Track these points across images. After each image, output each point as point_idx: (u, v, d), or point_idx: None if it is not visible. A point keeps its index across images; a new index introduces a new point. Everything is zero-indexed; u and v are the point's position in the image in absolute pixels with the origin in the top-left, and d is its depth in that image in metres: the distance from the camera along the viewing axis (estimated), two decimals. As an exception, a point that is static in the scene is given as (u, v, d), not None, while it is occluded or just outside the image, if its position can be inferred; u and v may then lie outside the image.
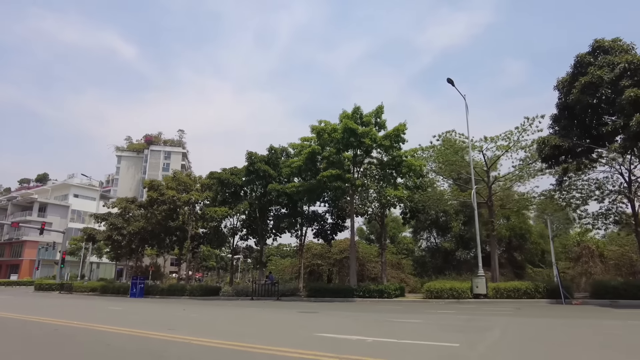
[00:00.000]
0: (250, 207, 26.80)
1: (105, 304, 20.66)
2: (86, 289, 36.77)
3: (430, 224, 38.26)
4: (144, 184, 32.21)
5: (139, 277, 32.32)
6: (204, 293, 29.33)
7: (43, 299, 25.13)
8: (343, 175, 23.22)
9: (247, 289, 28.22)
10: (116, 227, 33.53)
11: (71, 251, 59.57)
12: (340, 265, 39.73)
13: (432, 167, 29.22)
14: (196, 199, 30.75)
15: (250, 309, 17.18)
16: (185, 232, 35.96)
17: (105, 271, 69.47)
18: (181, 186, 31.69)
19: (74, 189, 72.75)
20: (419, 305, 18.49)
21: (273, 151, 28.02)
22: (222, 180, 27.63)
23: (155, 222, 32.87)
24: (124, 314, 14.20)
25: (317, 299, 23.38)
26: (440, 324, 10.48)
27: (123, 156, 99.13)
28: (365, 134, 23.05)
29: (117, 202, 35.54)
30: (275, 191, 26.17)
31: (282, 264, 49.03)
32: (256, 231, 31.30)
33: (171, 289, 30.86)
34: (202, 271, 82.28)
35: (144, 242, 35.43)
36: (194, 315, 13.61)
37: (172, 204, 31.77)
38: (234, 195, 28.64)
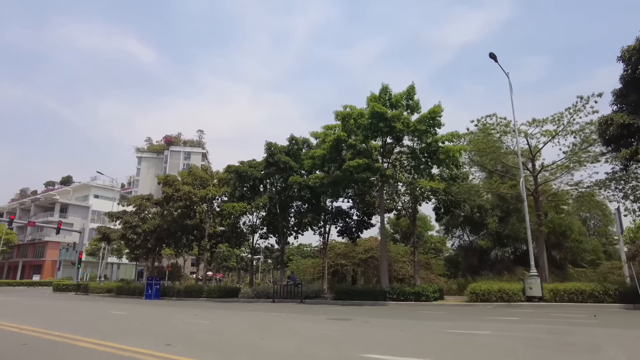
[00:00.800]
0: (270, 202, 24.53)
1: (112, 306, 18.68)
2: (102, 290, 35.22)
3: (464, 220, 35.32)
4: (159, 180, 30.40)
5: (155, 277, 30.48)
6: (222, 294, 27.25)
7: (51, 301, 23.42)
8: (372, 165, 20.71)
9: (268, 290, 26.01)
10: (130, 225, 31.79)
11: (91, 252, 58.71)
12: (365, 265, 37.23)
13: (467, 157, 26.43)
14: (213, 194, 28.69)
15: (271, 314, 14.84)
16: (202, 230, 34.02)
17: (125, 272, 68.63)
18: (197, 181, 29.69)
19: (95, 190, 72.18)
20: (466, 310, 15.83)
21: (294, 141, 25.72)
22: (240, 174, 25.45)
23: (172, 220, 30.98)
24: (124, 320, 12.05)
25: (345, 302, 20.95)
26: (519, 337, 7.91)
27: (143, 157, 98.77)
28: (396, 118, 20.49)
29: (132, 199, 33.87)
30: (297, 184, 23.83)
31: (304, 264, 46.63)
32: (277, 228, 29.07)
33: (188, 290, 28.89)
34: (222, 271, 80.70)
35: (161, 242, 33.63)
36: (204, 323, 11.34)
37: (188, 200, 29.80)
38: (252, 189, 26.45)
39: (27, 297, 27.32)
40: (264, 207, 24.58)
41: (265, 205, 24.33)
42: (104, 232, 32.75)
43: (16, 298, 25.73)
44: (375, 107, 20.28)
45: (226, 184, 29.53)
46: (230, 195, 27.82)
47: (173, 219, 30.91)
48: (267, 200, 24.34)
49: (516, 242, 34.76)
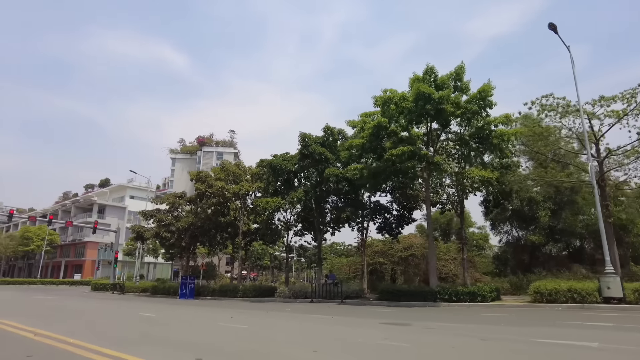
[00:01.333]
0: (305, 196, 22.98)
1: (144, 307, 17.63)
2: (137, 290, 34.77)
3: (512, 214, 32.68)
4: (191, 176, 29.51)
5: (189, 276, 29.59)
6: (258, 294, 25.99)
7: (84, 301, 22.78)
8: (417, 152, 18.79)
9: (305, 290, 24.52)
10: (164, 223, 31.07)
11: (128, 251, 59.25)
12: (405, 263, 35.22)
13: (517, 144, 24.01)
14: (246, 190, 27.47)
15: (314, 316, 13.27)
16: (236, 227, 32.94)
17: (162, 271, 69.09)
18: (230, 177, 28.57)
19: (130, 191, 73.13)
20: (536, 313, 13.72)
21: (329, 132, 24.09)
22: (273, 167, 24.04)
23: (205, 218, 30.02)
24: (152, 324, 10.75)
25: (390, 303, 19.16)
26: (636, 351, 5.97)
27: (177, 158, 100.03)
28: (444, 99, 18.49)
29: (166, 197, 33.20)
30: (334, 176, 22.18)
31: (338, 262, 44.84)
32: (312, 225, 27.58)
33: (223, 290, 27.80)
34: (256, 270, 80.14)
35: (195, 240, 32.79)
36: (241, 328, 9.87)
37: (222, 197, 28.73)
38: (286, 183, 25.00)
39: (63, 297, 26.96)
40: (299, 202, 23.05)
41: (301, 199, 22.81)
42: (138, 231, 32.25)
43: (53, 297, 25.34)
44: (421, 87, 18.36)
45: (259, 179, 28.25)
46: (264, 191, 26.51)
47: (207, 216, 29.93)
48: (303, 194, 22.81)
49: (571, 237, 31.83)
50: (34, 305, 18.24)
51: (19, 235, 64.95)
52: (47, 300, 22.06)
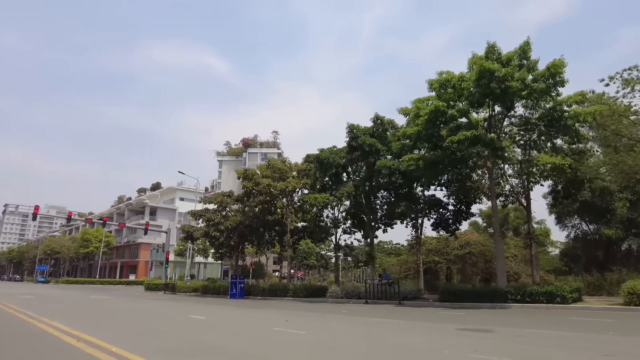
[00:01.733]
0: (356, 191, 21.61)
1: (194, 308, 17.00)
2: (188, 289, 34.84)
3: (580, 206, 29.66)
4: (238, 174, 28.99)
5: (239, 276, 29.10)
6: (308, 294, 24.97)
7: (136, 301, 22.66)
8: (483, 137, 16.95)
9: (358, 290, 23.19)
10: (213, 222, 30.81)
11: (179, 252, 60.43)
12: (462, 262, 33.04)
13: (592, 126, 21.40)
14: (293, 186, 26.53)
15: (376, 321, 11.93)
16: (283, 226, 32.16)
17: (212, 271, 70.08)
18: (276, 174, 27.75)
19: (180, 193, 74.84)
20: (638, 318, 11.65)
21: (379, 121, 22.60)
22: (320, 161, 22.87)
23: (253, 216, 29.41)
24: (202, 329, 9.82)
25: (454, 304, 17.45)
26: None
27: (223, 160, 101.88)
28: (509, 76, 16.56)
29: (214, 197, 32.99)
30: (386, 168, 20.67)
31: (388, 262, 43.01)
32: (361, 222, 26.22)
33: (273, 289, 27.03)
34: (303, 269, 79.68)
35: (243, 239, 32.34)
36: (299, 335, 8.71)
37: (269, 194, 27.99)
38: (335, 178, 23.76)
39: (117, 297, 27.23)
40: (349, 197, 21.69)
41: (351, 194, 21.46)
42: (188, 230, 32.26)
43: (107, 297, 25.59)
44: (484, 64, 16.53)
45: (305, 176, 27.24)
46: (311, 187, 25.44)
47: (254, 214, 29.33)
48: (352, 188, 21.46)
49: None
50: (87, 305, 18.12)
51: (79, 237, 68.16)
52: (100, 300, 22.12)
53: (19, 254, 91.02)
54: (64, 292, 32.08)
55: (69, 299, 23.41)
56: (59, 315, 12.18)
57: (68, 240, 71.92)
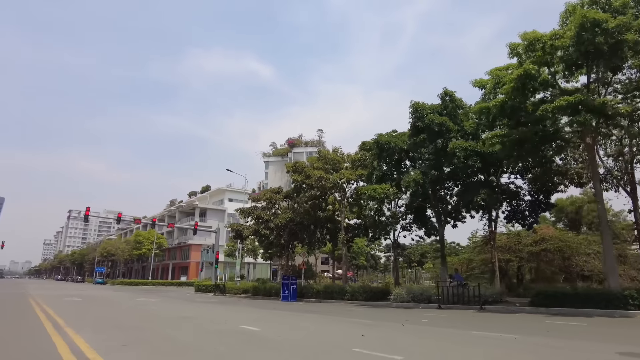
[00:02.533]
0: (424, 178, 18.62)
1: (245, 314, 14.87)
2: (238, 291, 33.19)
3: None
4: (287, 168, 26.83)
5: (291, 276, 26.93)
6: (368, 297, 22.32)
7: (184, 304, 20.95)
8: (589, 102, 13.58)
9: (427, 293, 20.21)
10: (262, 220, 28.89)
11: (228, 252, 59.66)
12: (537, 259, 29.07)
13: None
14: (347, 178, 23.95)
15: (479, 334, 9.10)
16: (336, 222, 29.72)
17: (261, 271, 69.03)
18: (328, 165, 25.31)
19: (229, 194, 74.50)
20: None
21: (448, 97, 19.56)
22: (380, 146, 20.08)
23: (304, 212, 27.14)
24: (257, 347, 7.44)
25: (550, 310, 14.22)
26: None
27: (270, 161, 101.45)
28: (624, 27, 13.10)
29: (262, 194, 31.13)
30: (462, 150, 17.58)
31: (451, 261, 39.19)
32: (423, 216, 23.25)
33: (328, 291, 24.58)
34: (352, 270, 76.76)
35: (294, 237, 30.21)
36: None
37: (320, 188, 25.63)
38: (396, 165, 20.90)
39: (165, 299, 25.86)
40: (417, 186, 18.70)
41: (418, 183, 18.51)
42: (237, 229, 30.56)
43: (154, 299, 24.23)
44: (588, 14, 13.19)
45: (360, 166, 24.62)
46: (367, 178, 22.76)
47: (305, 210, 27.06)
48: (420, 175, 18.50)
49: None
50: (130, 310, 16.48)
51: (132, 240, 69.32)
52: (146, 304, 20.61)
53: (80, 256, 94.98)
54: (114, 294, 31.39)
55: (116, 301, 22.18)
56: (91, 325, 10.35)
57: (122, 242, 73.48)
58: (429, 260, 74.79)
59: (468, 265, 33.68)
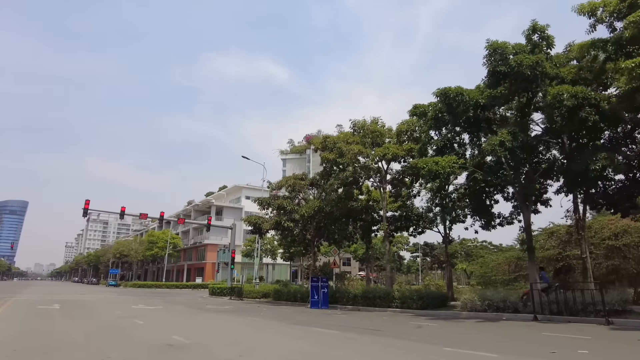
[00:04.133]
0: (513, 140, 13.18)
1: (269, 331, 9.80)
2: (257, 294, 28.22)
3: None
4: (315, 144, 21.69)
5: (321, 277, 21.82)
6: (424, 304, 17.10)
7: (189, 316, 15.97)
8: None
9: (505, 298, 14.86)
10: (285, 210, 23.84)
11: (246, 252, 55.04)
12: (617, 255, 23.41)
13: None
14: (394, 153, 18.69)
15: None
16: (372, 212, 24.60)
17: (280, 272, 64.20)
18: (367, 138, 20.09)
19: (245, 191, 69.81)
20: None
21: (539, 32, 14.16)
22: (449, 100, 14.62)
23: (336, 199, 22.02)
24: None
25: None
26: None
27: (287, 159, 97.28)
28: None
29: (284, 180, 26.08)
30: (572, 98, 12.18)
31: (493, 260, 33.19)
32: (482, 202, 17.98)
33: (368, 296, 19.32)
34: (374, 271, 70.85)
35: (322, 232, 25.08)
36: None
37: (354, 173, 20.50)
38: (472, 126, 15.42)
39: (171, 306, 21.06)
40: (505, 151, 13.21)
41: (506, 147, 13.05)
42: (255, 222, 25.59)
43: (155, 307, 19.47)
44: None
45: (410, 138, 19.43)
46: (420, 152, 17.46)
47: (338, 197, 21.93)
48: (509, 137, 13.07)
49: None
50: (102, 330, 11.61)
51: (146, 240, 65.20)
52: (140, 314, 15.76)
53: (95, 257, 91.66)
54: (114, 299, 26.80)
55: (103, 310, 17.40)
56: None
57: (136, 243, 69.44)
58: (459, 260, 68.54)
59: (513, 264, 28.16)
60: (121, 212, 31.07)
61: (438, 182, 15.04)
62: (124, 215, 31.28)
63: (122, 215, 31.19)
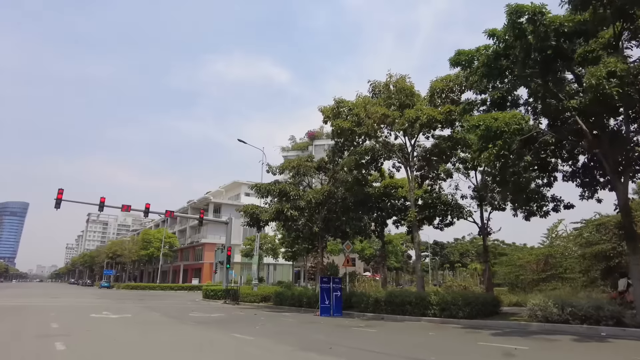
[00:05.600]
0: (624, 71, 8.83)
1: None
2: (256, 298, 23.85)
3: None
4: (325, 113, 17.11)
5: (333, 277, 17.44)
6: (473, 312, 12.73)
7: (154, 331, 11.58)
8: None
9: (600, 306, 10.46)
10: (287, 196, 19.48)
11: (246, 252, 50.76)
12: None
13: None
14: (430, 116, 14.31)
15: None
16: (391, 200, 20.33)
17: (282, 273, 59.74)
18: (394, 99, 15.70)
19: (245, 188, 65.30)
20: None
21: None
22: (520, 31, 10.22)
23: (353, 181, 17.67)
24: None
25: None
26: None
27: (289, 156, 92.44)
28: None
29: (286, 163, 21.73)
30: None
31: (520, 257, 28.50)
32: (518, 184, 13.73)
33: (394, 301, 14.90)
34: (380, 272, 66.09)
35: (330, 225, 20.71)
36: None
37: (374, 150, 16.20)
38: (545, 67, 10.92)
39: (146, 313, 16.73)
40: (615, 85, 8.87)
41: (615, 76, 8.69)
42: (252, 211, 21.17)
43: (124, 315, 15.10)
44: None
45: (444, 101, 15.11)
46: (465, 112, 13.16)
47: (354, 178, 17.59)
48: (621, 64, 8.68)
49: None
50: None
51: (140, 239, 60.78)
52: (96, 325, 11.40)
53: (90, 258, 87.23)
54: (84, 303, 22.48)
55: (42, 318, 12.99)
56: None
57: (129, 242, 64.98)
58: (471, 259, 63.63)
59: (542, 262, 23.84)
60: (100, 204, 26.77)
61: (498, 146, 10.69)
62: (104, 207, 26.93)
63: (102, 207, 26.83)
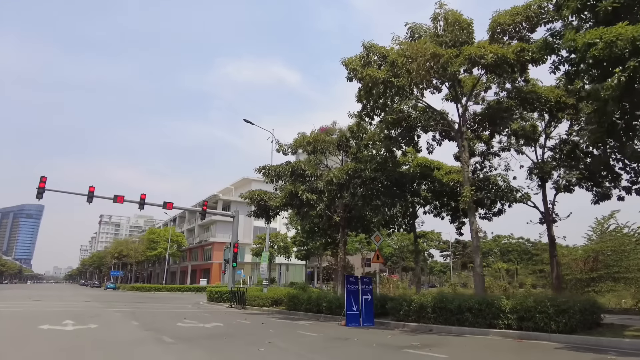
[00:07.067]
0: None
1: None
2: (266, 302, 20.04)
3: None
4: (348, 65, 13.15)
5: (362, 277, 13.57)
6: (572, 324, 8.73)
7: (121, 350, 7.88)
8: None
9: None
10: (303, 176, 15.73)
11: (257, 251, 47.22)
12: None
13: None
14: (497, 54, 10.30)
15: None
16: (428, 183, 16.47)
17: (295, 274, 55.98)
18: (448, 35, 11.68)
19: (255, 184, 61.53)
20: None
21: None
22: None
23: (385, 157, 13.81)
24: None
25: None
26: None
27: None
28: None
29: (301, 139, 18.00)
30: None
31: (570, 254, 23.99)
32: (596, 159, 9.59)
33: (446, 307, 10.98)
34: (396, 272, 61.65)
35: (353, 214, 16.88)
36: None
37: (414, 113, 12.22)
38: None
39: (127, 321, 13.05)
40: None
41: None
42: (259, 197, 17.41)
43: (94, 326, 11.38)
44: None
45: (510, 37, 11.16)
46: (544, 47, 9.23)
47: (389, 151, 13.69)
48: None
49: None
50: None
51: (146, 238, 57.54)
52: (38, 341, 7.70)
53: (98, 259, 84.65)
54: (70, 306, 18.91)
55: None
56: None
57: (136, 242, 61.84)
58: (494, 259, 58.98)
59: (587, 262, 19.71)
60: (89, 193, 23.33)
61: (631, 67, 6.79)
62: (93, 197, 23.48)
63: (91, 198, 23.39)
